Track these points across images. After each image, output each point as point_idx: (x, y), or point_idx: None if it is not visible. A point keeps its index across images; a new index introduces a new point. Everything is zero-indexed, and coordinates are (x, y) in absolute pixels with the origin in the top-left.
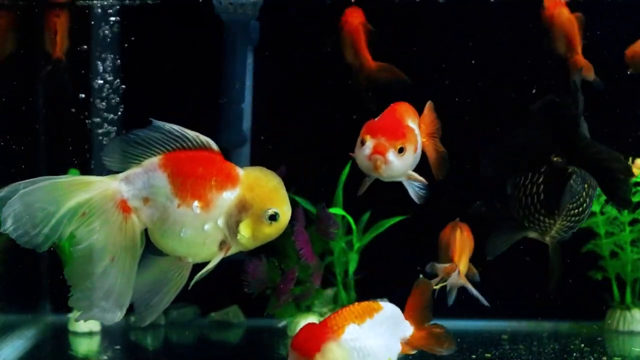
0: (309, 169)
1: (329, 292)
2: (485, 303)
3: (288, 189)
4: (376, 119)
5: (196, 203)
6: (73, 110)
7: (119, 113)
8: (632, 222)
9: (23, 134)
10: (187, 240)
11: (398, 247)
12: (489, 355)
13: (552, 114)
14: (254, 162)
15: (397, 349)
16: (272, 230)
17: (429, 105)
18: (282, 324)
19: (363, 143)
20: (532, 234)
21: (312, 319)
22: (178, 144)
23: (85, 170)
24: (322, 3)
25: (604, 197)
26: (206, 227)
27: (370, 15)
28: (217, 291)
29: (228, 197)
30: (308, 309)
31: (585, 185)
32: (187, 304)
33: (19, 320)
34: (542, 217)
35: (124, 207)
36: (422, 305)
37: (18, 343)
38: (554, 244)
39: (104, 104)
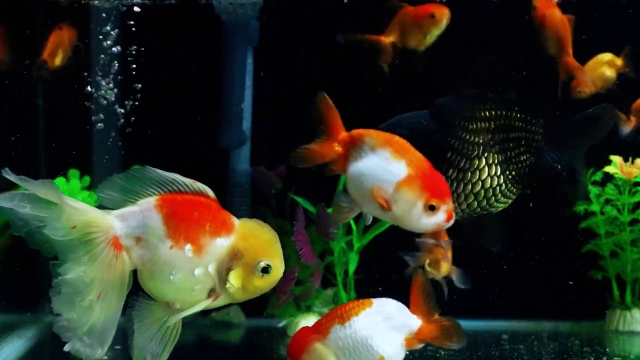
0: (309, 169)
1: (329, 292)
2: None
3: (288, 189)
4: (425, 171)
5: (188, 246)
6: (73, 110)
7: (119, 113)
8: (632, 222)
9: (23, 133)
10: (176, 284)
11: (398, 247)
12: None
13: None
14: (254, 162)
15: (397, 343)
16: (262, 283)
17: None
18: (282, 324)
19: (433, 209)
20: None
21: (312, 319)
22: (174, 187)
23: (86, 171)
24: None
25: (604, 198)
26: (196, 272)
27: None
28: None
29: (221, 243)
30: (308, 309)
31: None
32: None
33: (19, 320)
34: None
35: (116, 244)
36: (423, 297)
37: (18, 343)
38: (465, 220)
39: (103, 104)
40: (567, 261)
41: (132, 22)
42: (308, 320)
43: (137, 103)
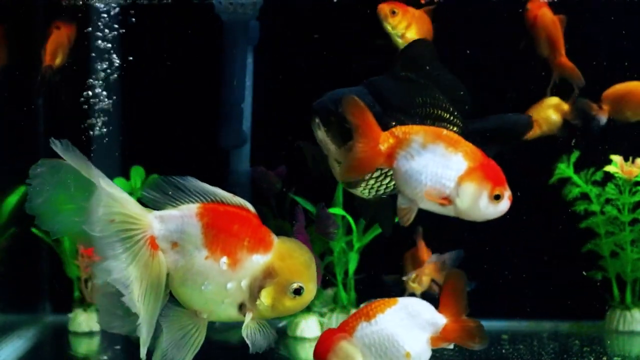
0: (309, 169)
1: (329, 292)
2: None
3: (288, 189)
4: (482, 161)
5: (224, 259)
6: (73, 110)
7: (119, 114)
8: (633, 222)
9: (23, 133)
10: (206, 295)
11: (398, 247)
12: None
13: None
14: (255, 162)
15: (423, 341)
16: (293, 304)
17: None
18: (282, 324)
19: (498, 198)
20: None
21: (312, 318)
22: (216, 199)
23: None
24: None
25: (604, 198)
26: (229, 285)
27: None
28: None
29: (257, 260)
30: (308, 309)
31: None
32: None
33: (19, 320)
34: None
35: (153, 244)
36: (455, 297)
37: (18, 343)
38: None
39: (103, 104)
40: (567, 261)
41: (131, 22)
42: (308, 320)
43: (137, 103)
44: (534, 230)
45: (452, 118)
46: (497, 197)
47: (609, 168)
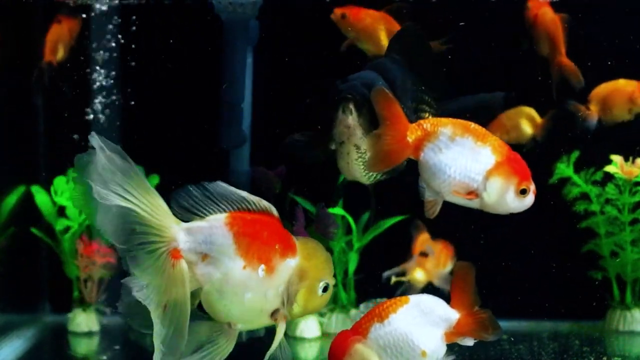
0: (309, 169)
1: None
2: None
3: (288, 189)
4: (509, 155)
5: (262, 267)
6: (73, 110)
7: (118, 114)
8: (632, 222)
9: (23, 133)
10: (246, 305)
11: (398, 247)
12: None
13: None
14: (255, 162)
15: (437, 338)
16: (321, 302)
17: None
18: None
19: (524, 192)
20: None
21: (312, 319)
22: (243, 205)
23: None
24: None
25: (604, 197)
26: (269, 293)
27: None
28: None
29: (290, 264)
30: None
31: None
32: None
33: (18, 320)
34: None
35: (175, 255)
36: (465, 290)
37: (17, 343)
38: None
39: (103, 104)
40: (567, 261)
41: (131, 21)
42: (307, 321)
43: (136, 103)
44: (534, 230)
45: (429, 100)
46: (523, 192)
47: (609, 168)
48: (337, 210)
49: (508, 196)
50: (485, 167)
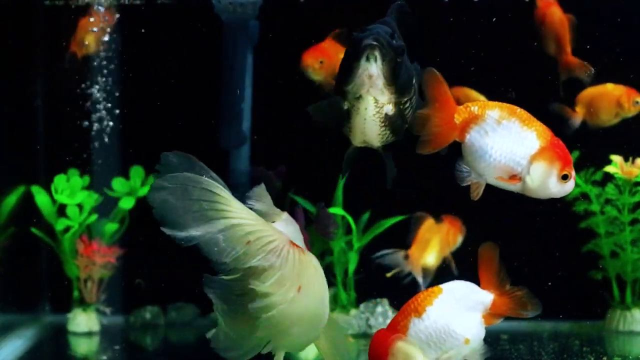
0: (309, 169)
1: (329, 292)
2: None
3: (288, 189)
4: (553, 140)
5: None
6: (72, 110)
7: (119, 114)
8: (632, 222)
9: (23, 133)
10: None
11: (398, 246)
12: None
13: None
14: (255, 162)
15: (477, 322)
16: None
17: None
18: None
19: (566, 178)
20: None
21: None
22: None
23: (84, 170)
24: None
25: (604, 197)
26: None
27: None
28: None
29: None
30: None
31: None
32: (186, 303)
33: (19, 320)
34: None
35: (293, 244)
36: (493, 270)
37: (17, 343)
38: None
39: (103, 104)
40: (567, 261)
41: (130, 22)
42: None
43: (136, 103)
44: (534, 230)
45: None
46: (565, 177)
47: (609, 168)
48: (337, 210)
49: (550, 181)
50: (529, 152)
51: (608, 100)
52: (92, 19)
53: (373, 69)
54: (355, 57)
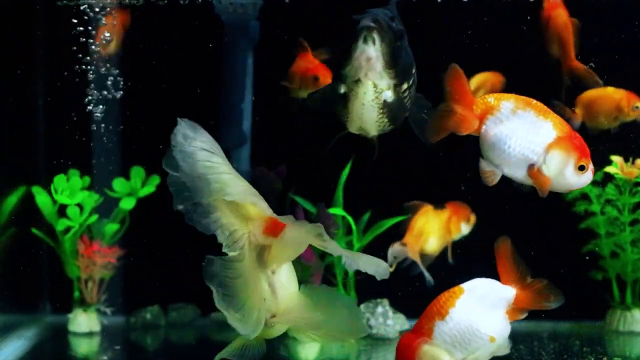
0: (309, 169)
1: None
2: (430, 281)
3: (288, 189)
4: (569, 131)
5: None
6: (73, 110)
7: (119, 114)
8: (633, 222)
9: (23, 133)
10: None
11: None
12: None
13: None
14: (255, 162)
15: (501, 319)
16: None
17: None
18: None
19: (582, 169)
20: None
21: None
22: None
23: (85, 171)
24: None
25: (604, 198)
26: None
27: None
28: None
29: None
30: None
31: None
32: (187, 304)
33: (19, 320)
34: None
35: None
36: (512, 264)
37: (18, 343)
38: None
39: (103, 103)
40: (567, 261)
41: (130, 22)
42: None
43: (137, 103)
44: (534, 231)
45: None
46: (582, 168)
47: (609, 169)
48: (337, 211)
49: (567, 171)
50: (546, 141)
51: (608, 103)
52: (114, 20)
53: (371, 51)
54: (353, 38)
